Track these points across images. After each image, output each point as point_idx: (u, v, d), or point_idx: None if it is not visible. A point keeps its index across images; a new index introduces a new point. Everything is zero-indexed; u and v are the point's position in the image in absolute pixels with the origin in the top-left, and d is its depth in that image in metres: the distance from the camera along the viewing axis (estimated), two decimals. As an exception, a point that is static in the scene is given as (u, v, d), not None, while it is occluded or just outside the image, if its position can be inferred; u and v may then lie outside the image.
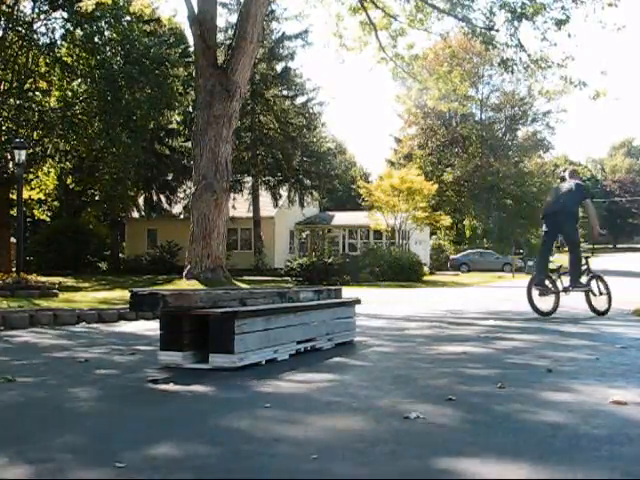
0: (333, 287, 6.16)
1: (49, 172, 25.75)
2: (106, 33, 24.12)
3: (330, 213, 41.93)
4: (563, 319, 7.79)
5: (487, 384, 3.43)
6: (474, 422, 2.58)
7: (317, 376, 3.71)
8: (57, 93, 23.66)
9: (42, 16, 23.27)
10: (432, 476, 1.91)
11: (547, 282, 8.32)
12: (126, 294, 10.41)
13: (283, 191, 33.66)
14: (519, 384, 3.43)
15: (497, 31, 15.24)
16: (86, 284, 18.93)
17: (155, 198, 33.31)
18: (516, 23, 14.54)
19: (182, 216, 31.46)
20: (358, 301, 5.78)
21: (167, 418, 2.73)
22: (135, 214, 34.51)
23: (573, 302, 8.71)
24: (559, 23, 14.25)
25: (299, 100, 33.41)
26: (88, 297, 11.17)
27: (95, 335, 6.50)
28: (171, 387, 3.38)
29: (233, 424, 2.58)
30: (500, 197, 48.46)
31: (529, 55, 15.19)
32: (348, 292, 7.49)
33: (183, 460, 2.07)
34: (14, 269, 15.29)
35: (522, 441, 2.27)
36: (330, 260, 22.96)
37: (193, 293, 4.19)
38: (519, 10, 14.38)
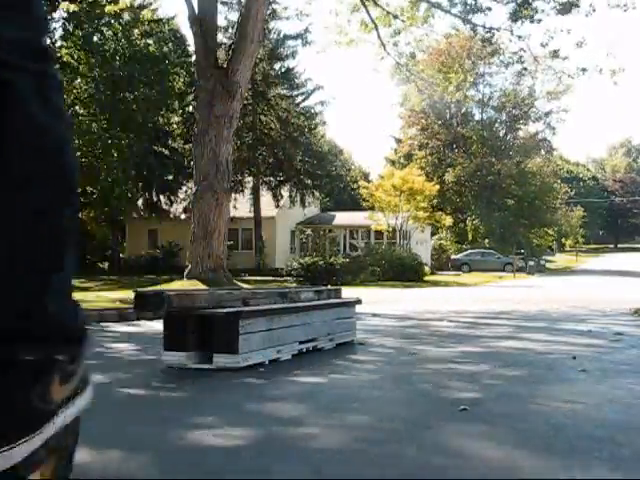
0: (333, 287, 6.16)
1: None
2: (107, 33, 24.14)
3: (331, 213, 41.89)
4: (563, 319, 7.80)
5: (486, 384, 3.44)
6: (472, 420, 2.59)
7: (319, 376, 3.73)
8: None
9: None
10: (432, 476, 1.93)
11: None
12: (127, 294, 10.42)
13: (284, 191, 33.62)
14: (518, 384, 3.44)
15: (498, 30, 15.29)
16: (86, 284, 18.93)
17: (155, 199, 33.28)
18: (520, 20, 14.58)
19: (183, 217, 31.44)
20: (359, 301, 5.79)
21: (175, 418, 2.75)
22: (135, 215, 34.47)
23: (575, 302, 8.71)
24: (562, 11, 14.27)
25: (300, 100, 33.40)
26: (89, 297, 11.17)
27: (96, 335, 6.50)
28: (176, 387, 3.39)
29: (234, 423, 2.59)
30: (501, 197, 48.42)
31: (534, 55, 15.23)
32: (349, 292, 7.46)
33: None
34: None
35: (522, 441, 2.28)
36: (331, 260, 22.96)
37: (197, 293, 4.20)
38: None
